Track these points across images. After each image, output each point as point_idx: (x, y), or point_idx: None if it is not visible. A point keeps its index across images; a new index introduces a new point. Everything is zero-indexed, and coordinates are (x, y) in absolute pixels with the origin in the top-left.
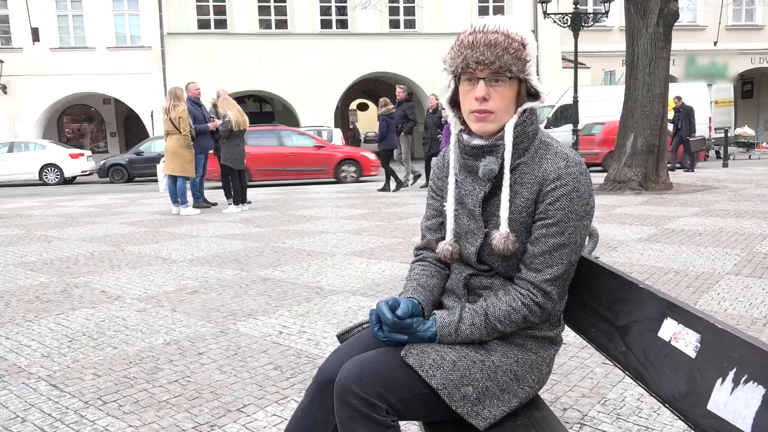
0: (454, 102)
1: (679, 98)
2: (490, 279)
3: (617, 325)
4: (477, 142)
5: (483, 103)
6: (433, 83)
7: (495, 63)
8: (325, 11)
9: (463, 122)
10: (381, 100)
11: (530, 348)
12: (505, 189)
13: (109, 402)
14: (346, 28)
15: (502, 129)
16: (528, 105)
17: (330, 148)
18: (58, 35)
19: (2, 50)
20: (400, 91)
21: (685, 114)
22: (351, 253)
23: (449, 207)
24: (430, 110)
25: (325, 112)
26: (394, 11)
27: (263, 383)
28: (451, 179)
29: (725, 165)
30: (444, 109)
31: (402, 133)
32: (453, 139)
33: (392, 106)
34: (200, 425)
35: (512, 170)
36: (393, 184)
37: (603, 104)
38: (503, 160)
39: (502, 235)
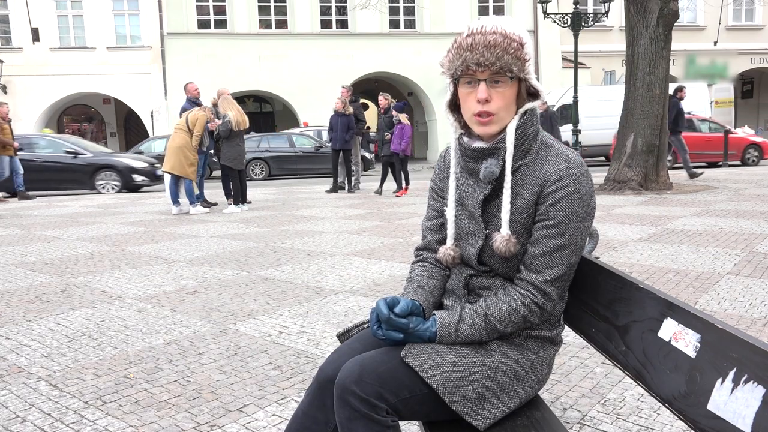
0: (454, 106)
1: (544, 102)
2: (490, 279)
3: (617, 325)
4: (478, 144)
5: (485, 104)
6: (433, 83)
7: (495, 64)
8: (325, 11)
9: (463, 125)
10: (339, 100)
11: (530, 348)
12: (506, 191)
13: (109, 402)
14: (346, 28)
15: (503, 130)
16: (529, 105)
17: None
18: (58, 35)
19: (2, 50)
20: (344, 91)
21: (548, 119)
22: (351, 253)
23: (450, 211)
24: (382, 111)
25: (325, 112)
26: (394, 11)
27: (263, 383)
28: (452, 183)
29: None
30: (393, 108)
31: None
32: (453, 143)
33: (351, 109)
34: (200, 425)
35: (513, 172)
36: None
37: (603, 104)
38: (504, 162)
39: (503, 237)
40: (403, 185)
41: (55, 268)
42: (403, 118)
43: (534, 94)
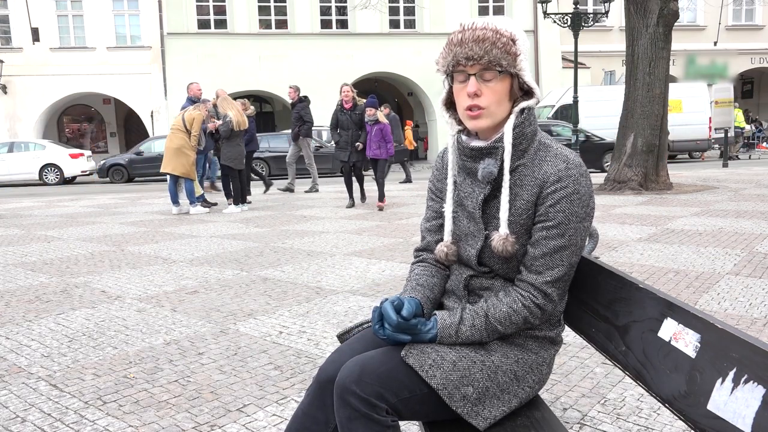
0: (450, 103)
1: (386, 106)
2: (490, 280)
3: (617, 325)
4: (476, 144)
5: (475, 98)
6: (433, 83)
7: (484, 57)
8: (325, 11)
9: (459, 122)
10: (242, 101)
11: (530, 348)
12: (505, 191)
13: (109, 402)
14: (346, 28)
15: (497, 127)
16: (524, 104)
17: None
18: (58, 35)
19: (2, 50)
20: (291, 92)
21: (393, 122)
22: (351, 253)
23: (447, 209)
24: (346, 106)
25: (326, 112)
26: (394, 11)
27: (263, 383)
28: (450, 181)
29: (725, 165)
30: (368, 105)
31: (300, 137)
32: (451, 141)
33: (252, 108)
34: (200, 425)
35: (512, 172)
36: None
37: (603, 104)
38: (502, 162)
39: (501, 237)
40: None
41: (55, 268)
42: (381, 115)
43: (529, 92)
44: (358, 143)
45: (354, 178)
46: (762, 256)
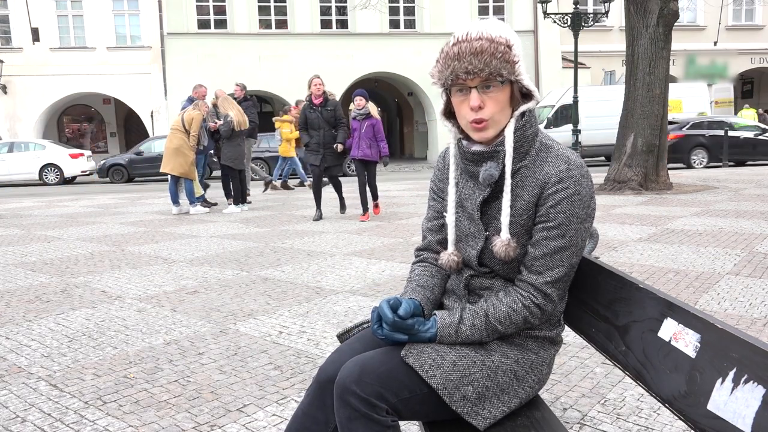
0: (449, 113)
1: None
2: (490, 280)
3: (617, 325)
4: (477, 148)
5: (479, 111)
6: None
7: (484, 70)
8: (325, 11)
9: (461, 130)
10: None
11: (530, 348)
12: (506, 194)
13: (109, 402)
14: (346, 28)
15: (501, 133)
16: (524, 107)
17: None
18: (58, 35)
19: (2, 50)
20: (237, 90)
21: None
22: (351, 253)
23: (449, 216)
24: (315, 102)
25: None
26: (394, 11)
27: (263, 383)
28: (451, 189)
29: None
30: (358, 96)
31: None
32: (453, 148)
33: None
34: (200, 425)
35: (513, 174)
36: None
37: (603, 104)
38: (504, 165)
39: (503, 241)
40: (370, 203)
41: (55, 268)
42: (374, 109)
43: (527, 95)
44: (337, 144)
45: (331, 185)
46: (762, 256)
